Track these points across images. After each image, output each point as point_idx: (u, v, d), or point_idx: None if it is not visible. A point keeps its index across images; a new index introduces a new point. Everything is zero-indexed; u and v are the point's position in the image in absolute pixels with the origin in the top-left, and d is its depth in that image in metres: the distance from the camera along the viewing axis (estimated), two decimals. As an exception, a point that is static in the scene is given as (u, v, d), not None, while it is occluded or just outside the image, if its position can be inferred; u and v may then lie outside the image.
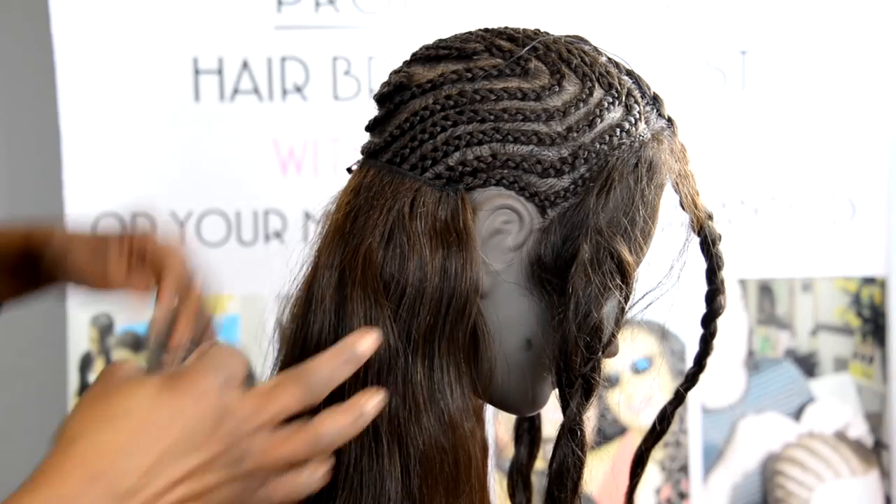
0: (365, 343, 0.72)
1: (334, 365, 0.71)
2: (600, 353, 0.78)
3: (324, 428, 0.69)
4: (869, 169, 1.94)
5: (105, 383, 0.66)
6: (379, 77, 1.79)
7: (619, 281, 0.78)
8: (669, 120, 0.84)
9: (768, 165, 1.92)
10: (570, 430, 0.78)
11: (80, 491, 0.61)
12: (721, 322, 0.88)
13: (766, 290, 1.96)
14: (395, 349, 0.75)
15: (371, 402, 0.71)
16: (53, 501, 0.60)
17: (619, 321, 0.80)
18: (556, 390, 0.80)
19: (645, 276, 0.82)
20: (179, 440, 0.64)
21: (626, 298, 0.80)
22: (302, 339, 0.79)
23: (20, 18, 1.94)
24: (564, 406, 0.79)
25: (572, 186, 0.78)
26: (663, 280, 0.83)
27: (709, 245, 0.85)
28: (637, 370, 1.90)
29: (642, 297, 0.83)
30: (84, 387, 1.71)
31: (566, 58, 0.80)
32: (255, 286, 1.69)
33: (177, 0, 1.77)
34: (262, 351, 0.83)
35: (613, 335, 0.81)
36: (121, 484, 0.61)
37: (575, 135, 0.78)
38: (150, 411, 0.64)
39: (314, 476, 0.70)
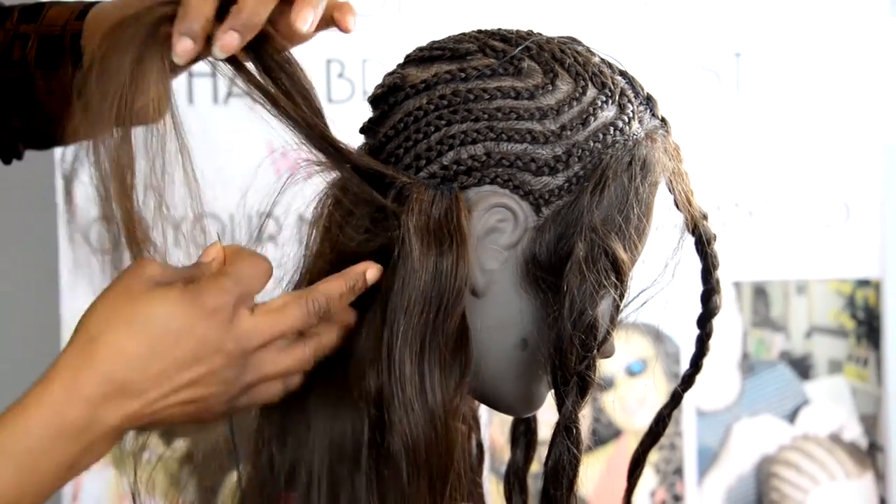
0: (371, 272, 0.76)
1: (340, 289, 0.74)
2: (595, 350, 0.78)
3: (317, 345, 0.74)
4: (863, 171, 1.94)
5: (129, 284, 0.70)
6: (373, 80, 1.78)
7: (613, 279, 0.78)
8: (663, 120, 0.84)
9: (763, 168, 1.92)
10: (566, 428, 0.78)
11: (91, 392, 0.67)
12: (715, 324, 0.88)
13: (760, 292, 1.96)
14: (386, 344, 0.75)
15: (349, 315, 0.76)
16: (66, 399, 0.66)
17: (614, 319, 0.80)
18: (552, 389, 0.80)
19: (640, 275, 0.82)
20: (189, 352, 0.69)
21: (621, 297, 0.80)
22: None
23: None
24: (560, 404, 0.79)
25: (566, 185, 0.79)
26: (658, 279, 0.83)
27: (704, 245, 0.85)
28: (631, 372, 1.90)
29: (637, 296, 0.83)
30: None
31: (559, 57, 0.81)
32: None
33: (170, 3, 1.77)
34: None
35: (608, 333, 0.81)
36: (130, 388, 0.67)
37: (569, 133, 0.79)
38: (168, 322, 0.68)
39: (293, 383, 0.75)
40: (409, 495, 0.75)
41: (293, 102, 0.77)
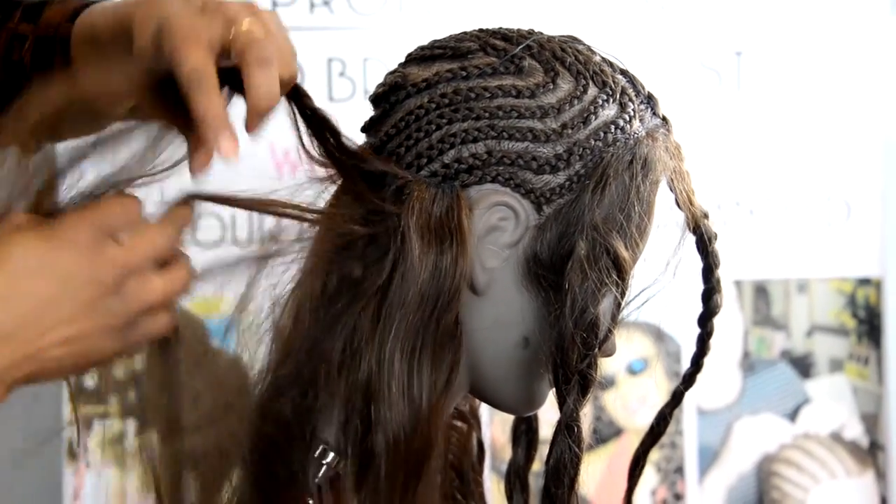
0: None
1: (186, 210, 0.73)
2: (597, 349, 0.78)
3: (187, 262, 0.72)
4: (863, 169, 1.94)
5: None
6: (374, 79, 1.79)
7: (615, 277, 0.78)
8: (664, 119, 0.84)
9: (763, 166, 1.92)
10: (567, 427, 0.79)
11: None
12: (716, 323, 0.88)
13: (761, 291, 1.96)
14: (379, 338, 0.76)
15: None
16: None
17: (616, 318, 0.81)
18: (553, 388, 0.80)
19: (641, 273, 0.82)
20: (55, 286, 0.67)
21: (623, 295, 0.80)
22: (290, 335, 0.80)
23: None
24: (561, 403, 0.79)
25: (567, 183, 0.79)
26: (659, 277, 0.83)
27: (704, 243, 0.86)
28: (633, 371, 1.90)
29: (638, 295, 0.83)
30: (78, 386, 1.71)
31: (560, 56, 0.81)
32: (251, 288, 1.68)
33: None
34: (256, 351, 0.83)
35: (610, 332, 0.81)
36: None
37: (570, 131, 0.79)
38: (26, 260, 0.67)
39: (175, 284, 0.72)
40: (384, 490, 0.75)
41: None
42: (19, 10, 0.97)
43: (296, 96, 0.77)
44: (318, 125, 0.77)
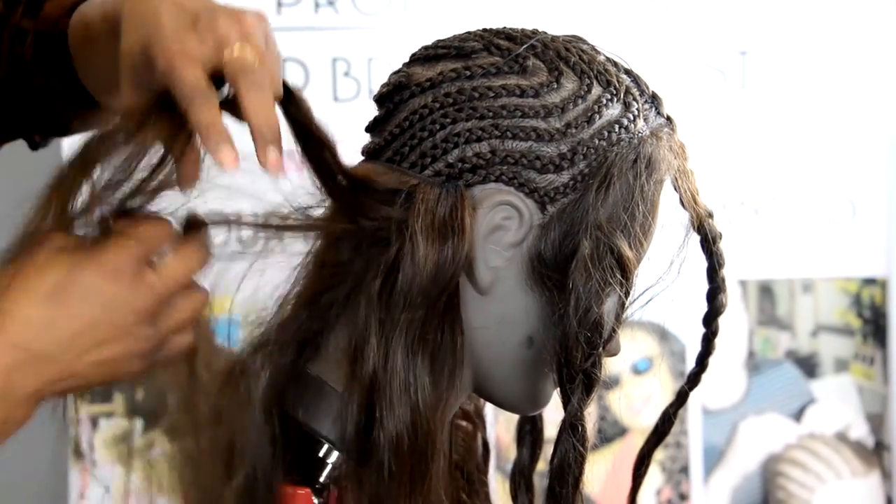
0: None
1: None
2: (601, 348, 0.78)
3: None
4: (869, 169, 1.94)
5: (36, 255, 0.70)
6: (379, 78, 1.79)
7: (619, 276, 0.78)
8: (668, 118, 0.84)
9: (768, 166, 1.92)
10: (572, 426, 0.78)
11: (3, 362, 0.67)
12: (721, 323, 0.88)
13: (766, 290, 1.96)
14: (385, 335, 0.76)
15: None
16: None
17: (620, 317, 0.81)
18: (558, 387, 0.80)
19: (645, 273, 0.82)
20: (98, 312, 0.69)
21: (627, 294, 0.80)
22: (294, 334, 0.80)
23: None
24: (565, 402, 0.79)
25: (571, 182, 0.79)
26: (663, 277, 0.83)
27: (709, 243, 0.85)
28: (637, 371, 1.90)
29: (643, 294, 0.83)
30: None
31: (564, 55, 0.81)
32: (256, 287, 1.68)
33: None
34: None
35: (614, 331, 0.81)
36: (43, 354, 0.68)
37: (574, 131, 0.79)
38: (74, 287, 0.69)
39: (194, 303, 0.74)
40: (388, 490, 0.75)
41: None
42: (22, 4, 0.98)
43: (297, 122, 0.77)
44: (316, 148, 0.77)
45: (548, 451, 0.85)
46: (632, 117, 0.81)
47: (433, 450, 0.77)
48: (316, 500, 0.80)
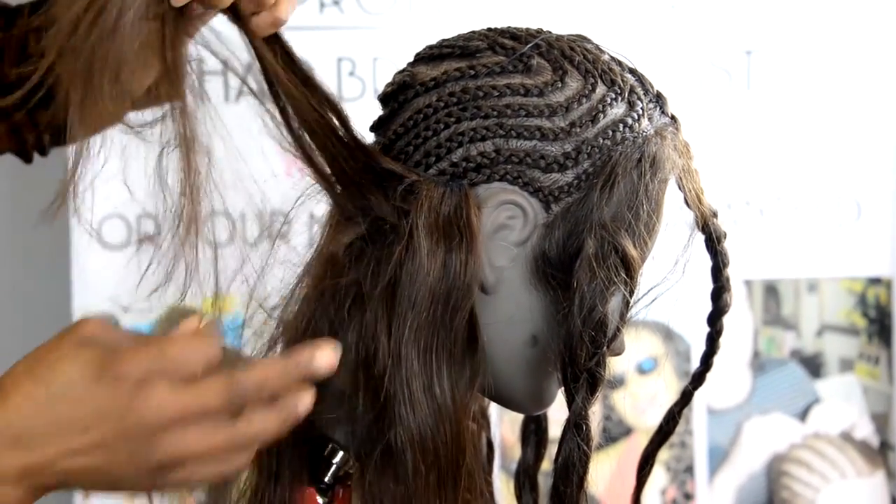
0: (322, 358, 0.69)
1: (277, 377, 0.69)
2: (605, 348, 0.78)
3: (247, 428, 0.68)
4: (874, 169, 1.94)
5: (61, 338, 0.69)
6: (383, 78, 1.79)
7: (623, 276, 0.78)
8: (673, 117, 0.84)
9: (773, 166, 1.92)
10: (576, 426, 0.79)
11: None
12: (726, 322, 0.88)
13: (771, 290, 1.96)
14: (395, 339, 0.75)
15: (302, 402, 0.69)
16: None
17: (625, 316, 0.81)
18: (562, 387, 0.80)
19: (650, 272, 0.82)
20: (85, 416, 0.66)
21: (631, 294, 0.80)
22: (302, 333, 0.80)
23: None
24: (570, 402, 0.79)
25: (576, 181, 0.79)
26: (668, 276, 0.83)
27: (714, 242, 0.86)
28: (642, 370, 1.89)
29: (647, 293, 0.83)
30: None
31: (568, 55, 0.81)
32: (261, 286, 1.68)
33: (181, 2, 1.78)
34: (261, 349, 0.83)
35: (618, 330, 0.81)
36: (24, 440, 0.66)
37: (578, 130, 0.79)
38: (70, 382, 0.67)
39: (232, 466, 0.70)
40: (416, 492, 0.75)
41: (313, 98, 0.77)
42: (27, 7, 0.98)
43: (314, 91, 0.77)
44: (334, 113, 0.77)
45: (552, 450, 0.85)
46: (636, 116, 0.81)
47: (461, 449, 0.76)
48: (321, 500, 0.80)
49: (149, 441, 0.67)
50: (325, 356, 0.69)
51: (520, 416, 0.95)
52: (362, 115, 0.85)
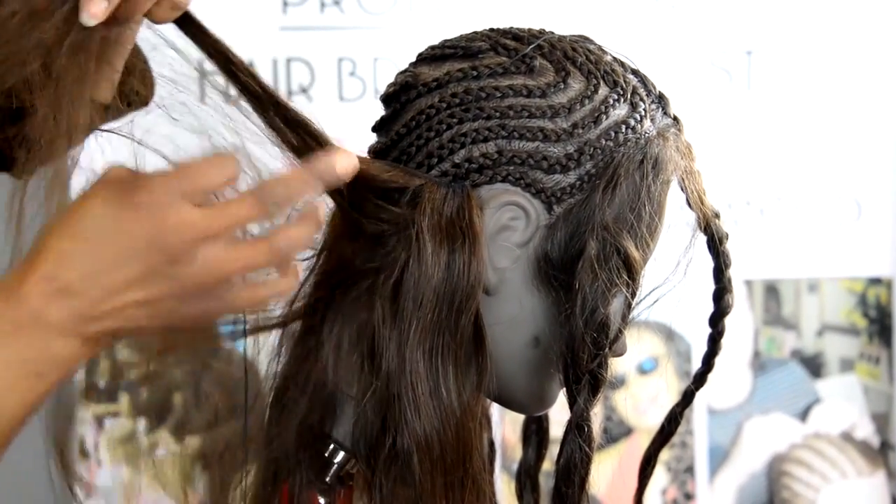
0: (341, 160, 0.71)
1: (301, 181, 0.70)
2: (607, 349, 0.78)
3: (280, 239, 0.69)
4: (875, 169, 1.94)
5: (89, 188, 0.69)
6: (384, 78, 1.79)
7: (625, 277, 0.78)
8: (675, 118, 0.84)
9: (774, 166, 1.92)
10: (578, 427, 0.79)
11: (29, 290, 0.66)
12: (727, 323, 0.88)
13: (771, 290, 1.96)
14: (398, 341, 0.75)
15: (322, 208, 0.71)
16: (5, 300, 0.67)
17: (626, 318, 0.81)
18: (564, 388, 0.80)
19: (652, 273, 0.82)
20: (123, 249, 0.66)
21: (633, 295, 0.80)
22: (309, 336, 0.80)
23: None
24: (572, 402, 0.79)
25: (578, 183, 0.79)
26: (670, 277, 0.83)
27: (715, 243, 0.86)
28: (643, 371, 1.89)
29: (649, 294, 0.83)
30: (90, 386, 1.71)
31: (571, 56, 0.81)
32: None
33: (182, 2, 1.78)
34: (268, 347, 0.83)
35: (620, 331, 0.81)
36: (69, 287, 0.66)
37: (580, 131, 0.79)
38: (99, 219, 0.67)
39: (279, 284, 0.71)
40: (423, 494, 0.75)
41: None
42: None
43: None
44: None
45: (553, 451, 0.85)
46: (639, 117, 0.81)
47: (468, 451, 0.76)
48: (322, 500, 0.80)
49: (185, 260, 0.67)
50: (345, 158, 0.71)
51: (521, 417, 0.95)
52: (363, 116, 0.85)
